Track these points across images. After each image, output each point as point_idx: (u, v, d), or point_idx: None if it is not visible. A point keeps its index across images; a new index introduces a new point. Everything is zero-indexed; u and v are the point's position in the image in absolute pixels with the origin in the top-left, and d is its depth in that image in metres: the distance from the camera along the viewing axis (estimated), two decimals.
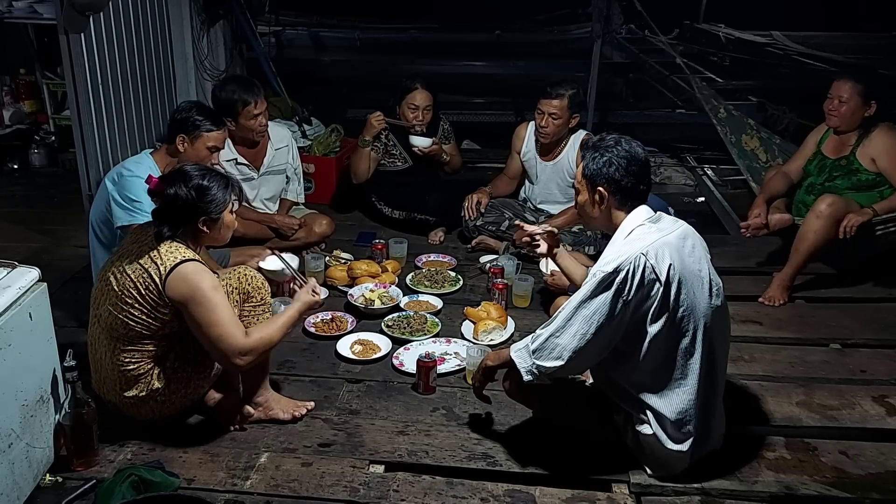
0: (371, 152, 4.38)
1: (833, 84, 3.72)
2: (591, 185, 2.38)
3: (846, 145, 3.74)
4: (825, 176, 3.79)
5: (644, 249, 2.21)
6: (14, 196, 5.17)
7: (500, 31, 9.52)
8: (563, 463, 2.51)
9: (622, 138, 2.38)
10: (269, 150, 4.04)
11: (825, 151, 3.83)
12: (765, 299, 3.67)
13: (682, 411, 2.29)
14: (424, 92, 4.28)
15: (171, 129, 3.18)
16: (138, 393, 2.49)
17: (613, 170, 2.32)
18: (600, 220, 2.43)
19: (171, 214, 2.42)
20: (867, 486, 2.42)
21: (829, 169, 3.78)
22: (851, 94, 3.63)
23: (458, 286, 3.80)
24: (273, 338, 2.48)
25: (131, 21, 4.53)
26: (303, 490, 2.37)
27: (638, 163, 2.34)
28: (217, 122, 3.20)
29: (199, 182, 2.42)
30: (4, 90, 5.63)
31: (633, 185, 2.33)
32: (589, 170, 2.38)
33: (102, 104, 4.16)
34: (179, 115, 3.17)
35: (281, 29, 8.75)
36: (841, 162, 3.75)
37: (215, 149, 3.19)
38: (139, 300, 2.38)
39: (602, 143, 2.38)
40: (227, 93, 3.79)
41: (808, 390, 2.95)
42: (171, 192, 2.40)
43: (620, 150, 2.34)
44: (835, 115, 3.70)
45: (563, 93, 3.92)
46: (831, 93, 3.70)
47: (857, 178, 3.69)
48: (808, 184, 3.88)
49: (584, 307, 2.22)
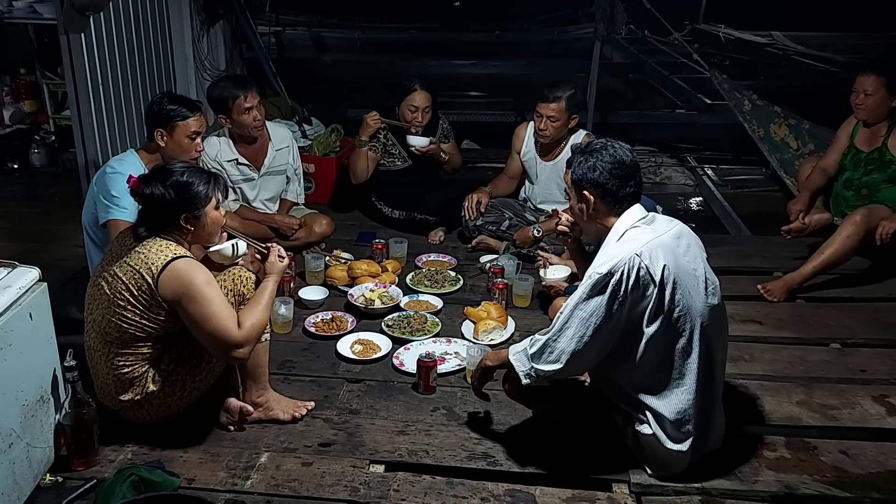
0: (369, 152, 4.38)
1: (857, 79, 3.82)
2: (578, 189, 2.40)
3: (877, 137, 3.82)
4: (861, 170, 3.86)
5: (638, 250, 2.21)
6: (14, 196, 5.17)
7: (500, 32, 9.52)
8: (563, 463, 2.51)
9: (609, 143, 2.39)
10: (270, 150, 4.04)
11: (858, 144, 3.90)
12: (763, 289, 3.69)
13: (680, 411, 2.30)
14: (424, 93, 4.28)
15: (148, 126, 3.13)
16: (134, 396, 2.48)
17: (598, 174, 2.33)
18: (593, 225, 2.43)
19: (152, 213, 2.42)
20: (867, 486, 2.43)
21: (864, 163, 3.85)
22: (876, 86, 3.72)
23: (459, 286, 3.80)
24: (263, 319, 2.48)
25: (131, 21, 4.54)
26: (303, 490, 2.37)
27: (622, 166, 2.34)
28: (191, 106, 3.11)
29: (177, 179, 2.40)
30: (5, 90, 5.64)
31: (617, 188, 2.34)
32: (575, 175, 2.39)
33: (102, 104, 4.17)
34: (152, 109, 3.12)
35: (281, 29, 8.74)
36: (874, 154, 3.82)
37: (196, 135, 3.11)
38: (132, 302, 2.37)
39: (588, 148, 2.40)
40: (218, 90, 3.82)
41: (809, 390, 2.95)
42: (148, 191, 2.40)
43: (605, 154, 2.35)
44: (862, 109, 3.79)
45: (560, 96, 3.92)
46: (856, 87, 3.80)
47: (891, 169, 3.76)
48: (845, 178, 3.93)
49: (580, 310, 2.23)
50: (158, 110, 3.07)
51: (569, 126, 4.04)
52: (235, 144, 3.93)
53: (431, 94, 4.31)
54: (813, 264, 3.64)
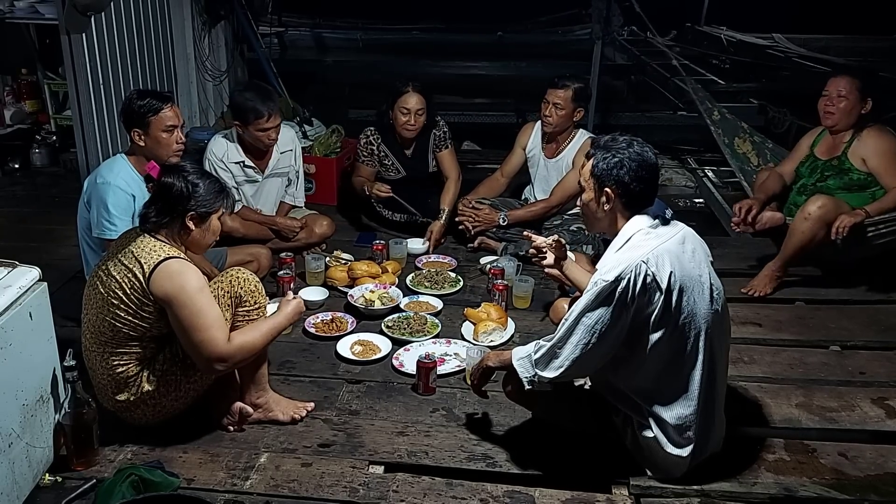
0: (367, 167, 4.38)
1: (830, 81, 3.71)
2: (599, 184, 2.32)
3: (839, 145, 3.74)
4: (817, 176, 3.80)
5: (644, 257, 2.19)
6: (15, 195, 5.17)
7: (501, 33, 9.53)
8: (562, 464, 2.51)
9: (634, 140, 2.32)
10: (275, 153, 4.03)
11: (817, 153, 3.83)
12: (748, 290, 3.70)
13: (682, 416, 2.29)
14: (416, 95, 4.19)
15: (126, 127, 3.07)
16: (129, 396, 2.49)
17: (624, 172, 2.26)
18: (603, 221, 2.38)
19: (162, 203, 2.43)
20: (866, 488, 2.42)
21: (821, 169, 3.78)
22: (850, 88, 3.61)
23: (459, 287, 3.80)
24: (256, 345, 2.46)
25: (132, 21, 4.55)
26: (302, 490, 2.37)
27: (649, 168, 2.28)
28: (161, 98, 3.01)
29: (197, 175, 2.45)
30: (6, 90, 5.64)
31: (641, 191, 2.28)
32: (598, 169, 2.31)
33: (104, 104, 4.18)
34: (123, 110, 3.05)
35: (283, 30, 8.77)
36: (833, 162, 3.74)
37: (172, 128, 3.01)
38: (124, 300, 2.37)
39: (614, 144, 2.31)
40: (244, 99, 3.76)
41: (808, 392, 2.95)
42: (166, 180, 2.41)
43: (632, 152, 2.27)
44: (832, 112, 3.66)
45: (568, 84, 3.95)
46: (827, 89, 3.68)
47: (848, 177, 3.69)
48: (799, 185, 3.88)
49: (586, 317, 2.21)
50: (129, 109, 3.00)
51: (574, 118, 4.05)
52: (242, 146, 3.93)
53: (425, 98, 4.22)
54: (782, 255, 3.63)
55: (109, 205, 2.96)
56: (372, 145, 4.36)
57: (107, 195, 2.97)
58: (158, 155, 2.94)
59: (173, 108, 3.05)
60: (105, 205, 2.97)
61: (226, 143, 3.91)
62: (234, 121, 3.86)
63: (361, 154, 4.38)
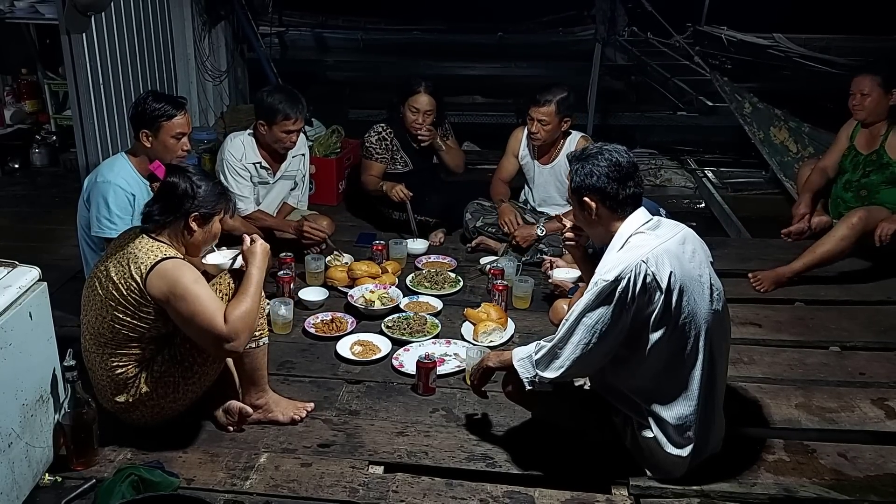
0: (380, 164, 4.37)
1: (853, 81, 3.87)
2: (578, 197, 2.39)
3: (876, 138, 3.86)
4: (860, 172, 3.90)
5: (644, 257, 2.20)
6: (15, 195, 5.17)
7: (502, 33, 9.52)
8: (562, 464, 2.51)
9: (605, 147, 2.38)
10: (288, 156, 4.06)
11: (858, 146, 3.94)
12: (753, 277, 3.74)
13: (682, 416, 2.29)
14: (427, 96, 4.22)
15: (134, 126, 3.07)
16: (128, 398, 2.49)
17: (595, 179, 2.32)
18: (598, 229, 2.42)
19: (165, 201, 2.44)
20: (866, 489, 2.43)
21: (863, 165, 3.88)
22: (872, 86, 3.78)
23: (459, 287, 3.80)
24: (250, 309, 2.41)
25: (133, 21, 4.54)
26: (302, 490, 2.37)
27: (619, 168, 2.32)
28: (176, 104, 3.02)
29: (203, 177, 2.48)
30: (6, 90, 5.65)
31: (617, 191, 2.32)
32: (575, 182, 2.39)
33: (104, 104, 4.18)
34: (135, 109, 3.04)
35: (284, 30, 8.77)
36: (872, 157, 3.85)
37: (181, 135, 3.03)
38: (122, 302, 2.37)
39: (584, 154, 2.39)
40: (273, 100, 3.80)
41: (808, 393, 2.95)
42: (171, 180, 2.43)
43: (602, 158, 2.34)
44: (860, 110, 3.84)
45: (550, 99, 3.92)
46: (852, 89, 3.85)
47: (889, 171, 3.79)
48: (844, 180, 3.98)
49: (586, 317, 2.22)
50: (142, 110, 3.00)
51: (561, 129, 4.04)
52: (259, 147, 3.95)
53: (436, 100, 4.25)
54: (804, 260, 3.68)
55: (110, 203, 2.97)
56: (385, 140, 4.37)
57: (107, 194, 2.97)
58: (162, 158, 2.94)
59: (186, 116, 3.07)
60: (105, 203, 2.97)
61: (242, 145, 3.94)
62: (258, 120, 3.88)
63: (374, 151, 4.36)
